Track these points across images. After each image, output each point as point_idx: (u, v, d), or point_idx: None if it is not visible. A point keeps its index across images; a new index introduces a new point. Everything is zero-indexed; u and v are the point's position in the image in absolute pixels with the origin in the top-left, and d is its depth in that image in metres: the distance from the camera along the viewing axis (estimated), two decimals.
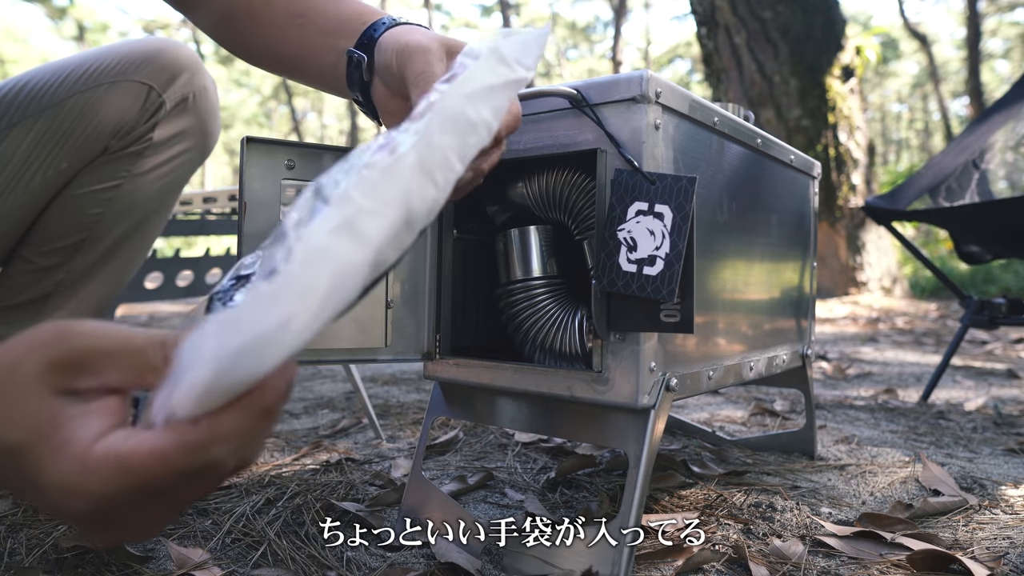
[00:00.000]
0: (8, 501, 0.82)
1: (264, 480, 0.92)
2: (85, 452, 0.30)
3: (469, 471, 0.98)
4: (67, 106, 0.89)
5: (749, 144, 0.81)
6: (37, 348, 0.32)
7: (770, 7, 4.46)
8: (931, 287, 5.17)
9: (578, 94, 0.65)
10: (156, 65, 0.92)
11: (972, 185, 1.69)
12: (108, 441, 0.31)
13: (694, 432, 1.20)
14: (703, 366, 0.73)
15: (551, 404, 0.72)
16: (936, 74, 14.04)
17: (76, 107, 0.89)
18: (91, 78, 0.90)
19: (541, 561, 0.65)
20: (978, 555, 0.70)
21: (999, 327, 1.57)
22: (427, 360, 0.76)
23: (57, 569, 0.66)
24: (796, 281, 0.99)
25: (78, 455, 0.30)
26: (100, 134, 0.91)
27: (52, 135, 0.88)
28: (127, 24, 23.24)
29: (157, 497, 0.31)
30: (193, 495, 0.33)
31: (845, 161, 4.45)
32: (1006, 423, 1.34)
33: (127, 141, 0.93)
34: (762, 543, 0.74)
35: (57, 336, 0.32)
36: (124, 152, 0.93)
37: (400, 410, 1.42)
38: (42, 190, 0.90)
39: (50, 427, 0.31)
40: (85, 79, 0.90)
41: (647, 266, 0.61)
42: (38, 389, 0.31)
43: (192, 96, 0.97)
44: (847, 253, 4.45)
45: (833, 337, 2.95)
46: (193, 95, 0.97)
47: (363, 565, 0.68)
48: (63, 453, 0.30)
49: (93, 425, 0.31)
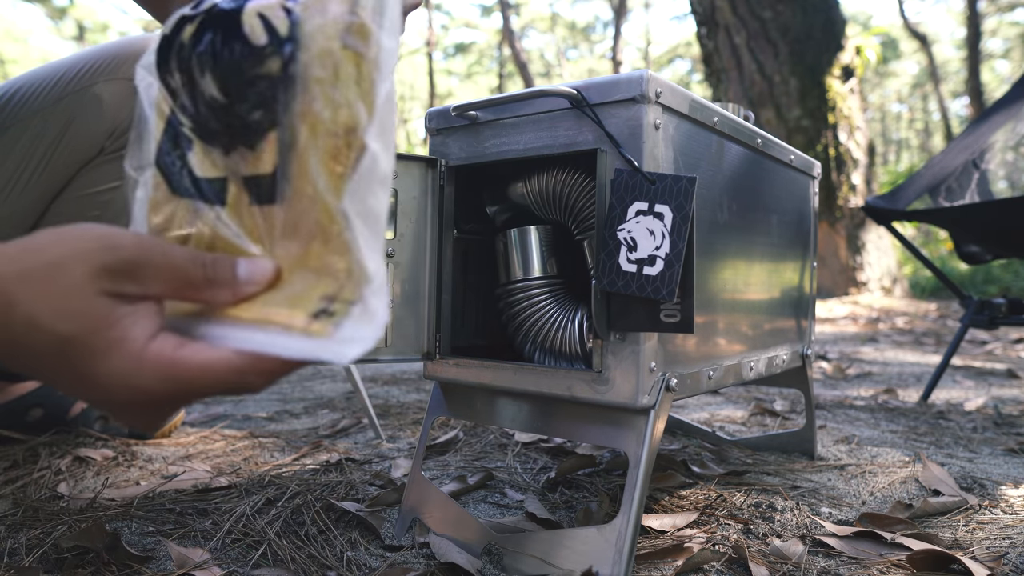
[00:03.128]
0: (8, 501, 0.82)
1: (264, 480, 0.92)
2: (140, 351, 0.33)
3: (469, 471, 0.98)
4: (60, 107, 0.89)
5: (749, 144, 0.81)
6: (84, 253, 0.33)
7: (770, 7, 4.46)
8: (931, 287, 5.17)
9: (578, 94, 0.65)
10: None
11: (972, 185, 1.69)
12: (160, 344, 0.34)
13: (694, 432, 1.20)
14: (703, 366, 0.73)
15: (551, 404, 0.72)
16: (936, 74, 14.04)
17: (70, 108, 0.89)
18: (84, 78, 0.90)
19: (541, 561, 0.65)
20: (978, 555, 0.70)
21: (999, 327, 1.57)
22: (427, 360, 0.76)
23: (57, 569, 0.66)
24: (796, 281, 0.99)
25: (134, 353, 0.33)
26: (95, 134, 0.91)
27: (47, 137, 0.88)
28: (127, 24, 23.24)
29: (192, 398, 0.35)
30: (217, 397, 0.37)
31: (845, 161, 4.45)
32: (1006, 423, 1.34)
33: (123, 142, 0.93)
34: (762, 543, 0.74)
35: (104, 245, 0.34)
36: (120, 153, 0.93)
37: (400, 410, 1.42)
38: (40, 193, 0.90)
39: (103, 324, 0.33)
40: (78, 80, 0.90)
41: (647, 266, 0.61)
42: (87, 289, 0.33)
43: None
44: (847, 253, 4.45)
45: (833, 337, 2.95)
46: None
47: (363, 565, 0.68)
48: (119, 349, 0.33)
49: (144, 326, 0.34)
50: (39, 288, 0.32)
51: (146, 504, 0.83)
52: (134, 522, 0.78)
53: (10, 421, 1.07)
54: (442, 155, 0.76)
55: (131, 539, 0.74)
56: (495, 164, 0.73)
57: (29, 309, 0.32)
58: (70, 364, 0.33)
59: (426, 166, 0.75)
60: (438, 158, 0.75)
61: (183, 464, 1.01)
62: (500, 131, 0.73)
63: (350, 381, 1.21)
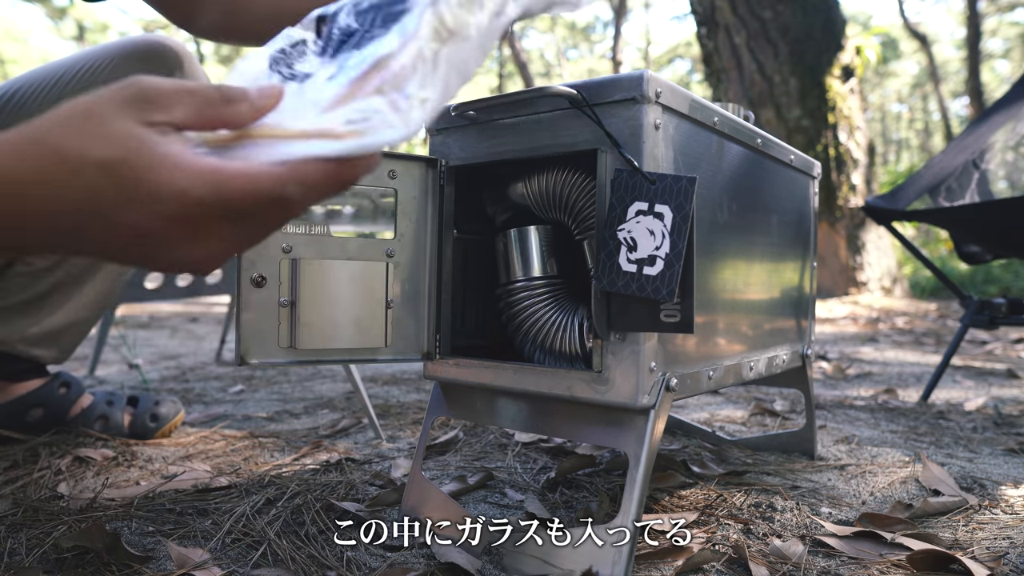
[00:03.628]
0: (8, 501, 0.82)
1: (264, 480, 0.92)
2: (187, 160, 0.35)
3: (469, 471, 0.98)
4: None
5: (749, 144, 0.81)
6: (109, 93, 0.37)
7: (770, 7, 4.46)
8: (931, 287, 5.17)
9: (578, 94, 0.65)
10: (149, 62, 0.92)
11: (972, 185, 1.69)
12: (204, 156, 0.37)
13: (694, 432, 1.20)
14: (703, 366, 0.73)
15: (551, 404, 0.72)
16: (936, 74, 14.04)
17: None
18: (84, 78, 0.90)
19: (541, 561, 0.65)
20: (978, 555, 0.70)
21: (999, 327, 1.56)
22: (427, 360, 0.76)
23: (57, 569, 0.66)
24: (796, 281, 0.99)
25: (181, 162, 0.35)
26: None
27: None
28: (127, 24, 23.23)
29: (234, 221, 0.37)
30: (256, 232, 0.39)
31: (845, 161, 4.45)
32: (1006, 423, 1.34)
33: None
34: (762, 543, 0.74)
35: (123, 84, 0.37)
36: None
37: (400, 410, 1.42)
38: None
39: (142, 145, 0.35)
40: (78, 79, 0.90)
41: (647, 266, 0.61)
42: (122, 117, 0.36)
43: None
44: (847, 253, 4.45)
45: (833, 337, 2.95)
46: None
47: (363, 565, 0.68)
48: (165, 161, 0.35)
49: (180, 144, 0.37)
50: (80, 127, 0.35)
51: (146, 504, 0.83)
52: (134, 522, 0.78)
53: (10, 421, 1.07)
54: (442, 155, 0.76)
55: (131, 539, 0.74)
56: (495, 164, 0.74)
57: (77, 146, 0.35)
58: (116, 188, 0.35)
59: (426, 166, 0.75)
60: (438, 158, 0.75)
61: (183, 464, 1.01)
62: (500, 131, 0.73)
63: (350, 381, 1.21)
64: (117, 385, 1.75)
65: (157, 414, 1.16)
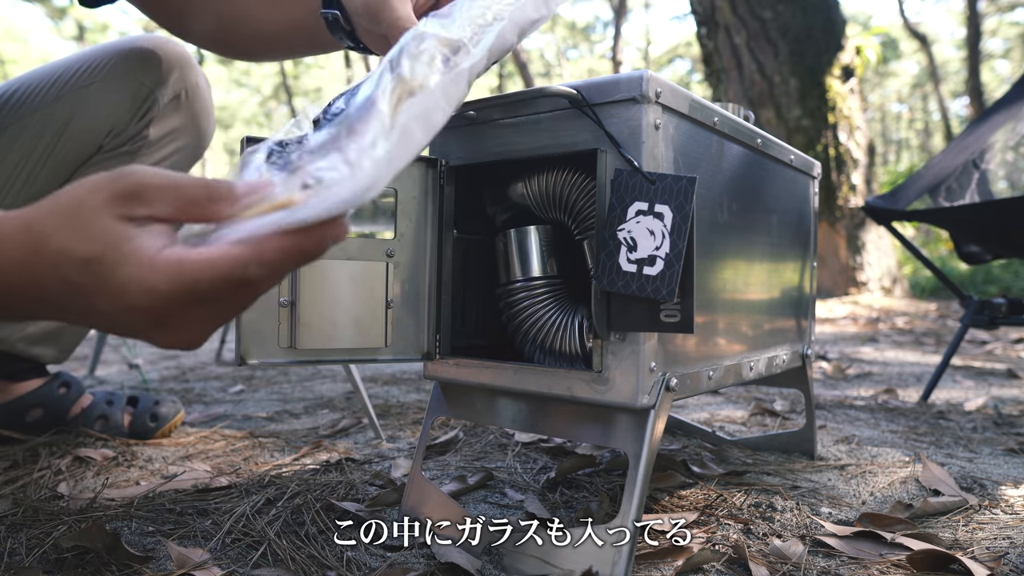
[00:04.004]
0: (8, 501, 0.82)
1: (264, 480, 0.92)
2: (152, 257, 0.37)
3: (469, 471, 0.98)
4: (60, 106, 0.89)
5: (749, 144, 0.81)
6: (98, 185, 0.38)
7: (770, 7, 4.46)
8: (931, 287, 5.17)
9: (578, 94, 0.65)
10: (147, 62, 0.92)
11: (972, 185, 1.69)
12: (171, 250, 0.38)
13: (694, 432, 1.20)
14: (703, 366, 0.73)
15: (551, 404, 0.72)
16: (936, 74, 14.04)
17: (68, 106, 0.89)
18: (83, 78, 0.90)
19: (541, 561, 0.65)
20: (978, 555, 0.70)
21: (999, 327, 1.56)
22: (427, 360, 0.76)
23: (57, 569, 0.66)
24: (796, 281, 0.99)
25: (146, 260, 0.37)
26: (93, 133, 0.91)
27: (46, 135, 0.88)
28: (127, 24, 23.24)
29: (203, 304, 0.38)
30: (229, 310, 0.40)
31: (845, 161, 4.45)
32: (1006, 423, 1.34)
33: (121, 140, 0.93)
34: (762, 543, 0.74)
35: (113, 176, 0.39)
36: (119, 151, 0.93)
37: (400, 410, 1.42)
38: (40, 191, 0.90)
39: (119, 241, 0.37)
40: (76, 79, 0.90)
41: (647, 266, 0.61)
42: (104, 215, 0.38)
43: (184, 93, 0.97)
44: (847, 253, 4.45)
45: (833, 337, 2.95)
46: (185, 92, 0.97)
47: (363, 565, 0.68)
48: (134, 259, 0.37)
49: (155, 240, 0.38)
50: (64, 221, 0.37)
51: (146, 504, 0.83)
52: (134, 522, 0.78)
53: (10, 421, 1.07)
54: (442, 155, 0.76)
55: (131, 539, 0.74)
56: (495, 164, 0.74)
57: (59, 239, 0.37)
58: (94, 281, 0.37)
59: (426, 166, 0.75)
60: (438, 158, 0.75)
61: (183, 464, 1.01)
62: (500, 131, 0.73)
63: (350, 381, 1.21)
64: (117, 385, 1.75)
65: (157, 414, 1.16)
